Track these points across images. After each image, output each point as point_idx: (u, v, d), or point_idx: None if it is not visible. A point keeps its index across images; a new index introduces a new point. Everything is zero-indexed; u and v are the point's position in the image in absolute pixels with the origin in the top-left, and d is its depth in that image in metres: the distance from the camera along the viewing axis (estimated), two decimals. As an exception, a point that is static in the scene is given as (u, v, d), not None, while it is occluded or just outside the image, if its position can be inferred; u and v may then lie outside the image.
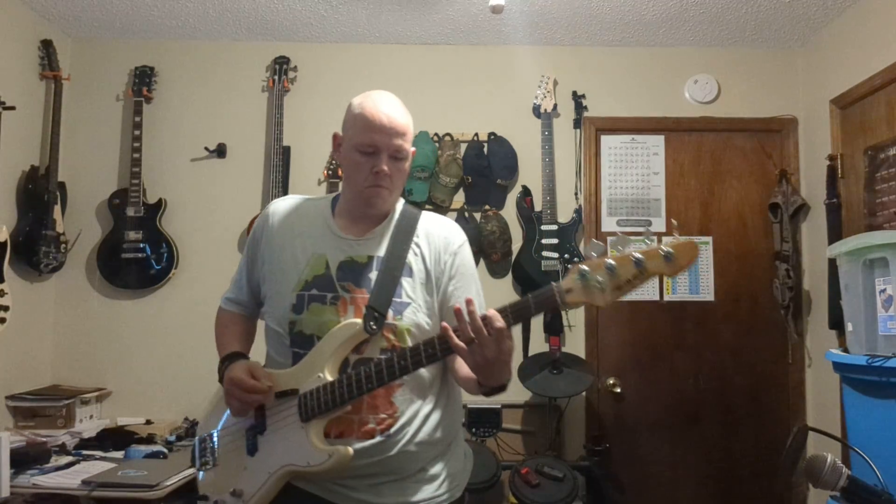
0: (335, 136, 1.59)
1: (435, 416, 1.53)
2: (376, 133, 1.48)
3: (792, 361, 3.38)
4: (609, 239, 1.24)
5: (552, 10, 3.13)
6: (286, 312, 1.52)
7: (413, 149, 1.58)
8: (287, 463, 1.47)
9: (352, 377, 1.43)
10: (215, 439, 1.59)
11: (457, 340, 1.31)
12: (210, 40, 3.47)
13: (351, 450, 1.42)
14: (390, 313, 1.48)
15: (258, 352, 1.73)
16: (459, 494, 1.59)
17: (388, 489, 1.48)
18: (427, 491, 1.51)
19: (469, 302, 1.32)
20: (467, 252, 1.61)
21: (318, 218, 1.60)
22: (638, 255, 1.25)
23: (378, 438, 1.45)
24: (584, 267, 1.28)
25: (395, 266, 1.51)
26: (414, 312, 1.50)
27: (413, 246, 1.55)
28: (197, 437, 1.66)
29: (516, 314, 1.32)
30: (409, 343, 1.47)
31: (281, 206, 1.64)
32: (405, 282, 1.51)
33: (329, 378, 1.45)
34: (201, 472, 1.62)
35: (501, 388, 1.43)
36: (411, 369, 1.40)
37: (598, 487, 2.98)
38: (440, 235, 1.58)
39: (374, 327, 1.46)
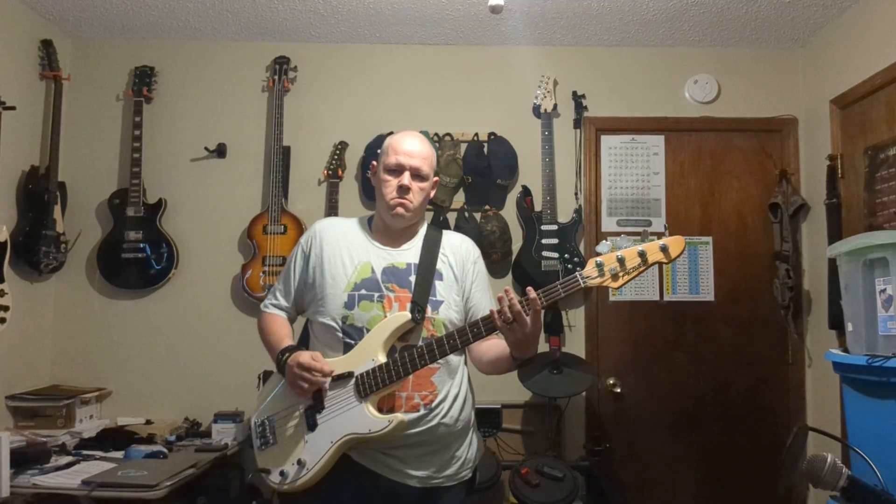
0: (372, 166, 1.97)
1: (461, 398, 1.89)
2: (400, 154, 1.87)
3: (792, 361, 3.39)
4: (615, 239, 1.71)
5: (552, 10, 3.13)
6: (339, 309, 1.83)
7: (436, 178, 1.96)
8: (349, 432, 1.74)
9: (405, 357, 1.74)
10: (274, 421, 1.87)
11: (500, 322, 1.64)
12: (210, 40, 3.47)
13: (406, 417, 1.74)
14: (429, 308, 1.84)
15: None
16: (472, 475, 1.95)
17: (430, 460, 1.81)
18: (454, 468, 1.86)
19: (508, 291, 1.64)
20: (482, 262, 2.03)
21: (360, 233, 1.96)
22: (641, 248, 1.65)
23: (422, 411, 1.79)
24: (600, 259, 1.66)
25: (429, 271, 1.88)
26: (447, 308, 1.87)
27: (441, 256, 1.92)
28: (253, 421, 1.91)
29: (548, 296, 1.65)
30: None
31: (326, 223, 2.01)
32: (438, 284, 1.88)
33: (382, 360, 1.75)
34: (260, 450, 1.87)
35: (532, 359, 1.76)
36: (459, 346, 1.73)
37: (598, 487, 2.98)
38: (463, 248, 1.97)
39: (419, 318, 1.80)
